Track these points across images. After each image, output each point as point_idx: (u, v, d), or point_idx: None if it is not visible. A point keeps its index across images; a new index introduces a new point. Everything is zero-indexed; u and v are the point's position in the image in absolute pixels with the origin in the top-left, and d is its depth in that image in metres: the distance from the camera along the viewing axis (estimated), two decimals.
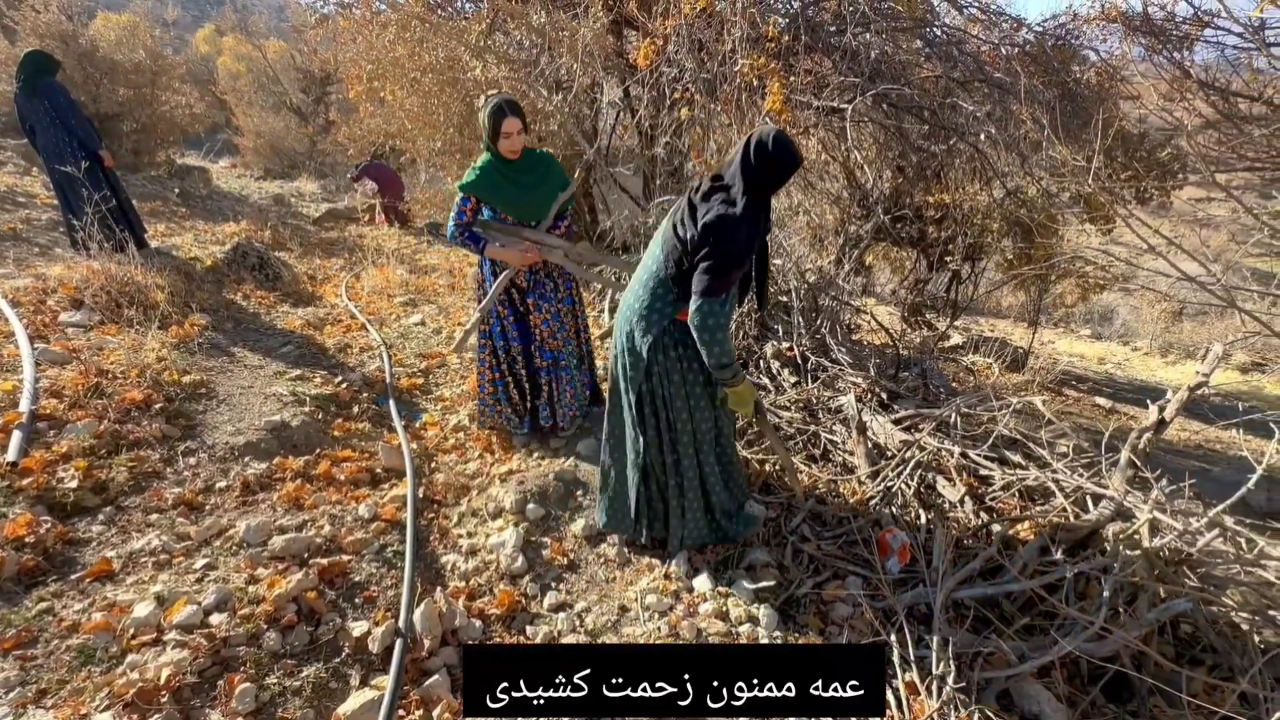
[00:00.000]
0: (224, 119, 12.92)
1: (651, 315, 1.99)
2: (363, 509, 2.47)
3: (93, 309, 3.62)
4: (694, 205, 1.86)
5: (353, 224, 8.54)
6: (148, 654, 1.70)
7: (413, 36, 4.82)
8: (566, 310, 2.87)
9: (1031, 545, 2.02)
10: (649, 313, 1.99)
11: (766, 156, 1.75)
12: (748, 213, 1.77)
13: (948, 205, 5.52)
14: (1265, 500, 3.84)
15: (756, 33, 3.70)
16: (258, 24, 16.31)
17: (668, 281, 1.95)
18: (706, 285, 1.79)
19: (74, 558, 2.04)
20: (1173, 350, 9.19)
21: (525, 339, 2.82)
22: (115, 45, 8.04)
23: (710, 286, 1.78)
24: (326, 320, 4.58)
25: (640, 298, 2.02)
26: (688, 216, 1.86)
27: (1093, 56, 4.89)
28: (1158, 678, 1.71)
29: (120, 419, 2.66)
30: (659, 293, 1.98)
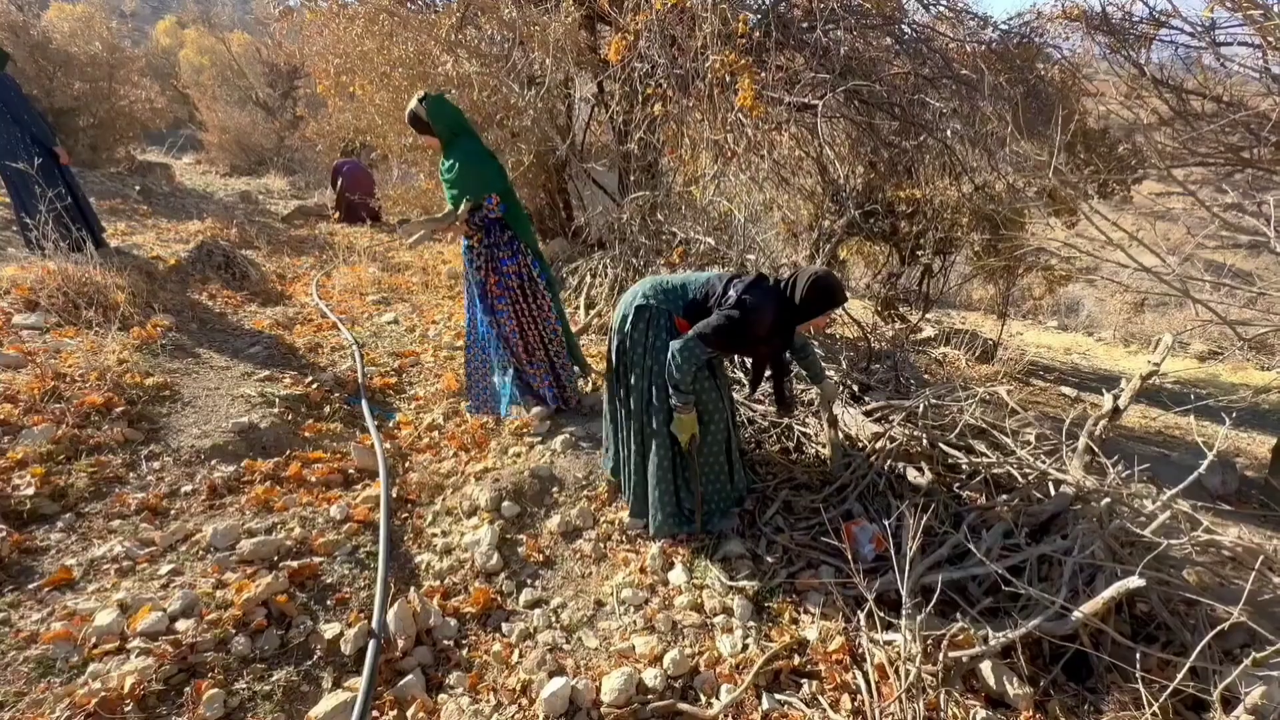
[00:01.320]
0: (187, 114, 12.57)
1: (658, 297, 2.26)
2: (335, 510, 2.44)
3: (49, 311, 3.50)
4: (762, 275, 2.19)
5: (323, 221, 8.38)
6: (110, 663, 1.66)
7: (381, 30, 4.75)
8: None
9: (996, 530, 2.08)
10: (655, 293, 2.27)
11: (814, 289, 2.07)
12: (773, 316, 2.09)
13: (919, 200, 5.62)
14: (1220, 484, 4.00)
15: (728, 29, 3.72)
16: (221, 16, 15.90)
17: (691, 298, 2.23)
18: (706, 332, 2.08)
19: (31, 566, 1.98)
20: (1134, 340, 9.50)
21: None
22: (70, 37, 7.78)
23: (707, 336, 2.08)
24: (296, 320, 4.50)
25: (657, 286, 2.29)
26: (746, 282, 2.16)
27: (1056, 54, 5.02)
28: (1115, 655, 1.78)
29: (79, 423, 2.58)
30: (676, 294, 2.26)
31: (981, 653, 1.74)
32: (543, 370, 3.05)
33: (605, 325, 4.48)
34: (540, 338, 2.99)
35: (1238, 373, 7.94)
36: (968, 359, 5.37)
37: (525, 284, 2.87)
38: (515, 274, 2.84)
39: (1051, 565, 2.02)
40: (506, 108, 4.74)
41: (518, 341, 2.96)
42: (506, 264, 2.82)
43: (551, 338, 3.00)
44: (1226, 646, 1.84)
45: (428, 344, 4.35)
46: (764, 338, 2.16)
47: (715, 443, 2.36)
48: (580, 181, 5.87)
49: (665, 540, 2.38)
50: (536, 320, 2.95)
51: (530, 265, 2.87)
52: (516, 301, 2.89)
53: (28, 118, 4.30)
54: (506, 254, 2.82)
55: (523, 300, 2.89)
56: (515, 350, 2.98)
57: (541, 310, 2.94)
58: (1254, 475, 4.31)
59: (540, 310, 2.94)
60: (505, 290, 2.86)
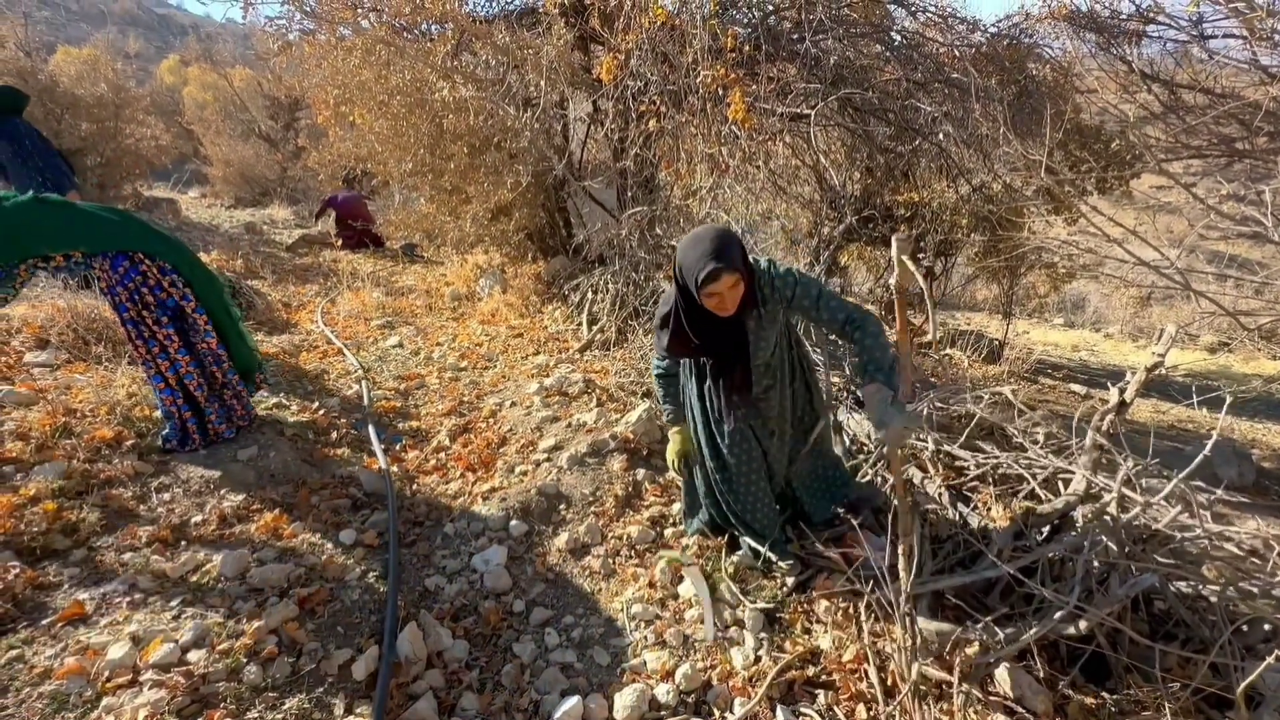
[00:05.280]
0: (192, 149, 12.79)
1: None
2: (344, 536, 2.44)
3: (59, 348, 3.56)
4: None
5: (327, 249, 8.48)
6: (124, 696, 1.67)
7: (379, 60, 4.84)
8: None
9: (1006, 531, 2.06)
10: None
11: (680, 254, 1.80)
12: (673, 304, 1.89)
13: (917, 204, 5.64)
14: (1236, 475, 3.94)
15: (717, 44, 3.77)
16: (222, 53, 16.23)
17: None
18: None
19: (45, 602, 1.99)
20: (1142, 335, 9.43)
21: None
22: (76, 80, 7.95)
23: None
24: (302, 347, 4.54)
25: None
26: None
27: (1046, 54, 5.05)
28: (1133, 655, 1.75)
29: (90, 458, 2.61)
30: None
31: (996, 657, 1.72)
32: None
33: (608, 341, 4.50)
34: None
35: (1249, 363, 7.86)
36: (971, 360, 5.34)
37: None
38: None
39: (1064, 564, 2.00)
40: (503, 130, 4.81)
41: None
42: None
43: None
44: (1248, 642, 1.81)
45: (432, 366, 4.38)
46: (676, 331, 1.90)
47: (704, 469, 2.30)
48: (579, 199, 5.92)
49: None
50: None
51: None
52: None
53: (42, 163, 4.39)
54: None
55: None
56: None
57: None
58: (1270, 467, 4.25)
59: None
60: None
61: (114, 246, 2.51)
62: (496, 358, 4.49)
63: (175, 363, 2.72)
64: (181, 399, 2.76)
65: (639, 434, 3.02)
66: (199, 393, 2.78)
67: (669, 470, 2.40)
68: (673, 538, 2.50)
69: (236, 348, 2.93)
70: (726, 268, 1.68)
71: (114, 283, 2.55)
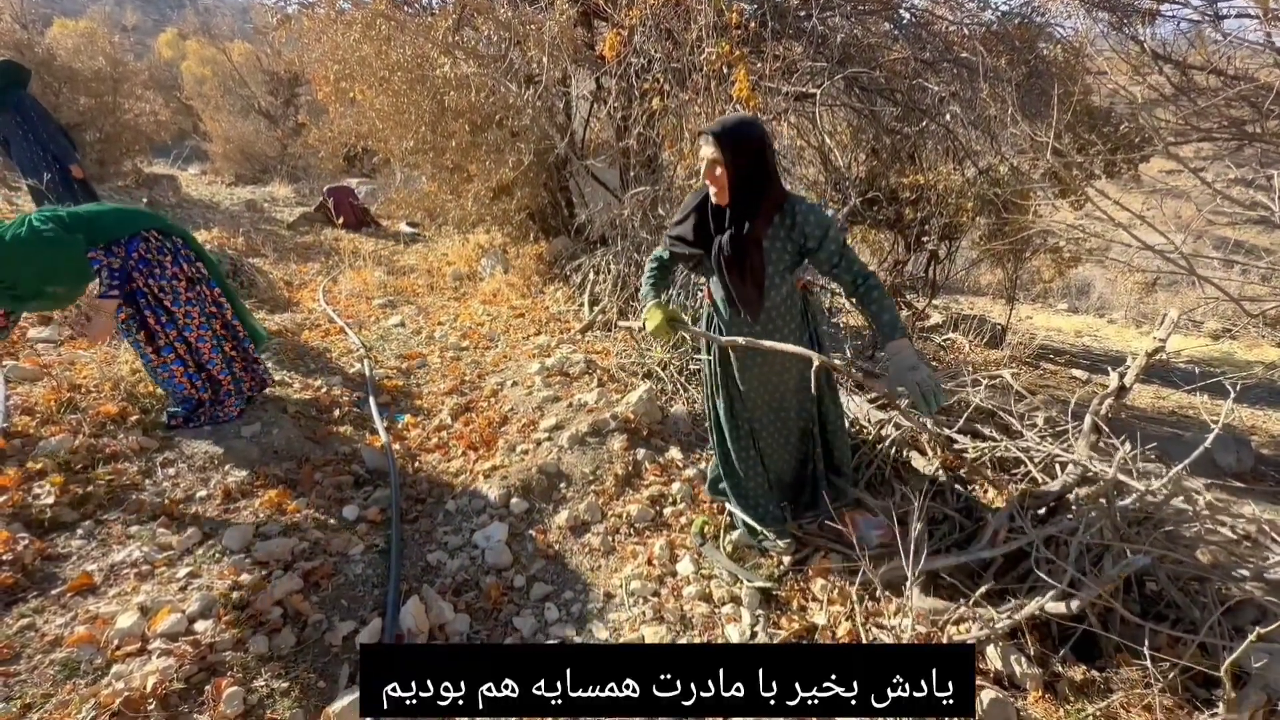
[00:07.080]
0: (191, 125, 12.68)
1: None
2: (347, 511, 2.47)
3: (62, 324, 3.57)
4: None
5: (329, 227, 8.45)
6: (133, 664, 1.71)
7: (379, 35, 4.77)
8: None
9: (1001, 513, 2.08)
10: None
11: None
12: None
13: (922, 186, 5.58)
14: (1235, 461, 3.96)
15: (723, 20, 3.71)
16: (221, 27, 15.99)
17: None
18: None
19: (54, 573, 2.03)
20: (1147, 321, 9.38)
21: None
22: (73, 53, 7.85)
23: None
24: (304, 325, 4.55)
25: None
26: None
27: (1057, 34, 4.96)
28: (1124, 635, 1.78)
29: (95, 433, 2.64)
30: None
31: (987, 634, 1.75)
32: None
33: (610, 322, 4.50)
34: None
35: (1253, 350, 7.83)
36: (973, 344, 5.33)
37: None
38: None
39: (1058, 546, 2.02)
40: (505, 108, 4.76)
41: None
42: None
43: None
44: (1237, 623, 1.83)
45: (434, 345, 4.39)
46: (681, 220, 1.95)
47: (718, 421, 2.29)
48: (581, 179, 5.87)
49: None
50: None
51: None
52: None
53: (47, 137, 4.37)
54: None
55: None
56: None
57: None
58: (1269, 453, 4.27)
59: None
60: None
61: (126, 231, 2.59)
62: (498, 337, 4.50)
63: (199, 338, 2.82)
64: (201, 379, 2.85)
65: (639, 414, 3.04)
66: (212, 366, 2.85)
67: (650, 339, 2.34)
68: (671, 517, 2.53)
69: (245, 317, 3.05)
70: (711, 137, 1.73)
71: (130, 268, 2.61)
